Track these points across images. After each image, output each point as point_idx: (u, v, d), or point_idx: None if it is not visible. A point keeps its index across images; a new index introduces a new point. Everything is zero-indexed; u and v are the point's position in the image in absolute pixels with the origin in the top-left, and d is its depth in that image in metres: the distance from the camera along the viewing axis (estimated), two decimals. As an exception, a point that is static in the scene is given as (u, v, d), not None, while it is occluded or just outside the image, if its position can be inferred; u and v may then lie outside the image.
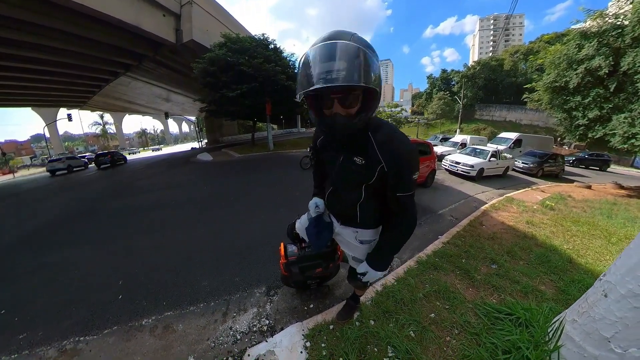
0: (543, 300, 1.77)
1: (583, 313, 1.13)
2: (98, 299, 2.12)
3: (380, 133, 0.87)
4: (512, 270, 2.21)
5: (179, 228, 3.72)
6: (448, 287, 1.85)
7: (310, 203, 1.31)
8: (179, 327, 1.76)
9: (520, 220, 3.79)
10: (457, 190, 6.06)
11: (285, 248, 1.65)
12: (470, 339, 1.39)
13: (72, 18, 10.97)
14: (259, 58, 11.88)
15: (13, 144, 57.50)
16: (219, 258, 2.70)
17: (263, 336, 1.61)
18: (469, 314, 1.60)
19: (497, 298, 1.79)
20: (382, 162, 0.86)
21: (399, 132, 0.89)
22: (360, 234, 1.14)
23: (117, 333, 1.73)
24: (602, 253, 2.81)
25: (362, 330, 1.48)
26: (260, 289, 2.11)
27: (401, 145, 0.85)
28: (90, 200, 6.24)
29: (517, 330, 1.33)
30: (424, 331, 1.46)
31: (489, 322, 1.47)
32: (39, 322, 1.89)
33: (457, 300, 1.72)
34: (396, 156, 0.84)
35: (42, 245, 3.52)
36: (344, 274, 2.10)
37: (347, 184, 1.04)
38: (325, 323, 1.57)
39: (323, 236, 1.22)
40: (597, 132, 7.01)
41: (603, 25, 6.65)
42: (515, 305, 1.53)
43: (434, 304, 1.70)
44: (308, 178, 6.64)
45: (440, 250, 2.49)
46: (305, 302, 1.88)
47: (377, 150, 0.86)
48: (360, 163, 0.91)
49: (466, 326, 1.48)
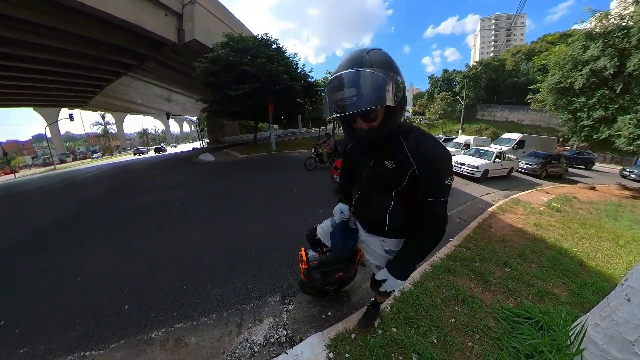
0: (558, 304, 1.79)
1: (605, 317, 1.14)
2: (103, 308, 2.03)
3: (411, 137, 0.88)
4: (525, 273, 2.22)
5: (184, 230, 3.65)
6: (465, 291, 1.86)
7: (335, 209, 1.31)
8: (191, 340, 1.66)
9: (528, 223, 3.80)
10: (462, 192, 6.07)
11: (307, 253, 1.65)
12: (492, 343, 1.40)
13: (74, 17, 10.95)
14: (261, 57, 11.87)
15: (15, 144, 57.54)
16: (229, 263, 2.62)
17: (282, 348, 1.55)
18: (488, 318, 1.61)
19: (514, 302, 1.81)
20: (414, 166, 0.85)
21: (431, 135, 0.90)
22: (387, 244, 1.12)
23: (125, 347, 1.63)
24: (611, 256, 2.83)
25: (386, 338, 1.45)
26: (275, 297, 2.04)
27: (434, 148, 0.84)
28: (93, 200, 6.25)
29: (538, 334, 1.35)
30: (446, 337, 1.45)
31: (508, 327, 1.48)
32: (41, 334, 1.79)
33: (475, 304, 1.72)
34: (428, 159, 0.84)
35: (44, 247, 3.46)
36: (359, 281, 2.11)
37: (377, 189, 1.03)
38: (347, 332, 1.53)
39: (349, 242, 1.22)
40: (602, 133, 7.00)
41: (608, 26, 6.64)
42: (533, 309, 1.55)
43: (453, 309, 1.70)
44: (313, 179, 6.65)
45: (453, 254, 2.51)
46: (323, 310, 1.83)
47: (409, 153, 0.86)
48: (391, 167, 0.91)
49: (487, 331, 1.49)
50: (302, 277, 1.65)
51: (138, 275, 2.49)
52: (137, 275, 2.49)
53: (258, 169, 8.98)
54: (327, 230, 1.37)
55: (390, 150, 0.91)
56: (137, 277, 2.46)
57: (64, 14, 10.63)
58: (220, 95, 12.25)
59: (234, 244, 3.08)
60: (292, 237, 3.12)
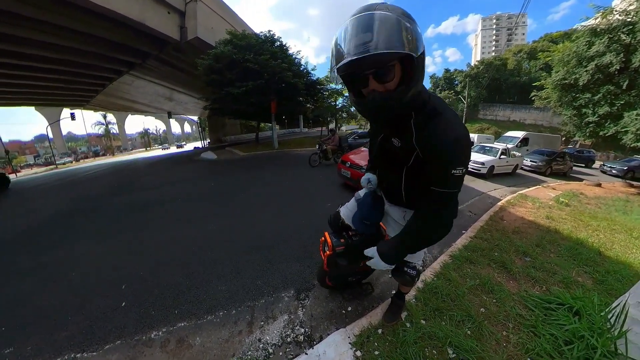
0: (585, 291, 1.76)
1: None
2: (98, 305, 1.88)
3: (423, 114, 0.75)
4: (545, 262, 2.19)
5: (187, 226, 3.48)
6: (490, 280, 1.83)
7: (363, 178, 1.28)
8: (196, 340, 1.51)
9: (539, 216, 3.77)
10: (469, 188, 6.04)
11: (331, 238, 1.58)
12: (527, 332, 1.35)
13: (77, 14, 10.93)
14: (265, 54, 11.83)
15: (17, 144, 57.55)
16: (236, 258, 2.45)
17: (301, 348, 1.41)
18: (518, 306, 1.57)
19: (540, 289, 1.78)
20: (417, 148, 0.77)
21: (449, 115, 0.74)
22: (408, 214, 1.06)
23: (121, 349, 1.49)
24: (628, 247, 2.81)
25: (417, 331, 1.37)
26: (289, 293, 1.89)
27: (443, 132, 0.71)
28: (95, 195, 6.21)
29: (574, 320, 1.31)
30: (480, 327, 1.39)
31: (541, 314, 1.45)
32: (30, 333, 1.66)
33: (503, 293, 1.68)
34: (432, 144, 0.72)
35: (42, 241, 3.36)
36: (378, 272, 2.01)
37: (387, 165, 0.98)
38: (372, 327, 1.42)
39: (378, 208, 1.18)
40: (609, 130, 6.98)
41: (613, 22, 6.62)
42: (564, 295, 1.52)
43: (481, 298, 1.65)
44: (318, 175, 6.61)
45: (471, 245, 2.48)
46: (342, 304, 1.71)
47: (414, 133, 0.76)
48: (397, 145, 0.84)
49: (519, 319, 1.45)
50: (325, 267, 1.54)
51: (138, 270, 2.34)
52: (136, 271, 2.33)
53: (261, 166, 8.95)
54: (352, 209, 1.34)
55: (397, 126, 0.81)
56: (136, 272, 2.31)
57: (68, 10, 10.60)
58: (223, 93, 12.20)
59: (240, 239, 2.93)
60: (302, 230, 3.05)
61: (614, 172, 11.18)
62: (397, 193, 1.01)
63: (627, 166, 10.99)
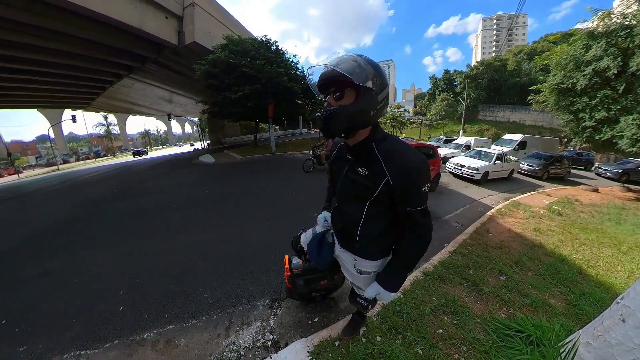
0: (553, 316, 1.72)
1: (598, 337, 1.08)
2: (99, 309, 2.10)
3: (384, 144, 0.86)
4: (520, 282, 2.16)
5: (180, 234, 3.70)
6: (456, 301, 1.80)
7: (320, 217, 1.29)
8: (181, 341, 1.71)
9: (527, 227, 3.72)
10: (461, 194, 5.99)
11: (290, 260, 1.61)
12: (479, 357, 1.35)
13: (76, 20, 11.06)
14: (261, 60, 11.88)
15: (19, 145, 58.34)
16: (221, 267, 2.66)
17: (267, 352, 1.57)
18: (477, 330, 1.55)
19: (506, 312, 1.75)
20: (387, 175, 0.83)
21: (405, 143, 0.88)
22: (359, 263, 1.06)
23: (119, 347, 1.70)
24: (612, 263, 2.74)
25: (368, 347, 1.43)
26: (264, 302, 2.06)
27: (408, 157, 0.82)
28: (94, 201, 6.27)
29: (527, 349, 1.29)
30: (432, 348, 1.41)
31: (498, 340, 1.43)
32: (40, 334, 1.86)
33: (466, 315, 1.67)
34: (403, 169, 0.82)
35: (44, 250, 3.52)
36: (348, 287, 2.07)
37: (349, 197, 0.99)
38: (331, 339, 1.52)
39: (323, 256, 1.18)
40: (605, 134, 6.88)
41: (611, 25, 6.54)
42: (525, 322, 1.49)
43: (442, 319, 1.65)
44: (311, 181, 6.60)
45: (447, 261, 2.44)
46: (310, 316, 1.83)
47: (383, 162, 0.84)
48: (364, 174, 0.88)
49: (475, 343, 1.44)
50: (287, 284, 1.63)
51: (134, 277, 2.54)
52: (133, 278, 2.53)
53: (257, 171, 8.96)
54: (308, 239, 1.34)
55: (365, 157, 0.89)
56: (133, 279, 2.51)
57: (67, 17, 10.74)
58: (220, 97, 12.27)
59: (228, 248, 3.12)
60: (285, 242, 3.04)
61: (608, 174, 10.94)
62: (351, 235, 1.02)
63: (622, 169, 10.72)
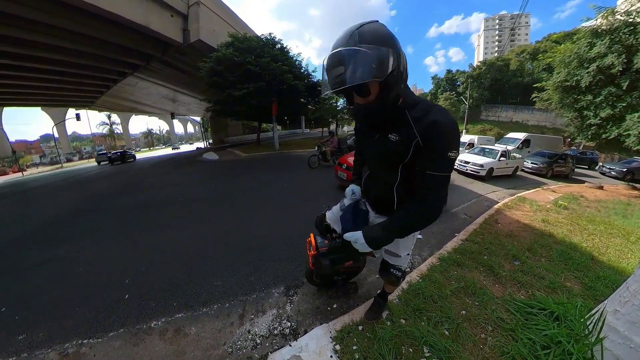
0: (572, 296, 1.75)
1: (626, 302, 1.10)
2: (103, 297, 2.02)
3: (417, 108, 0.85)
4: (535, 267, 2.19)
5: (187, 225, 3.67)
6: (475, 283, 1.83)
7: (347, 189, 1.32)
8: (191, 330, 1.62)
9: (535, 219, 3.75)
10: (467, 190, 6.02)
11: (316, 239, 1.63)
12: (505, 335, 1.37)
13: (83, 18, 11.15)
14: (265, 57, 11.93)
15: (23, 144, 58.64)
16: (232, 256, 2.60)
17: (286, 340, 1.50)
18: (500, 310, 1.57)
19: (525, 294, 1.78)
20: (417, 137, 0.82)
21: (438, 106, 0.86)
22: None
23: (124, 336, 1.61)
24: (623, 251, 2.78)
25: (395, 329, 1.41)
26: (279, 289, 2.00)
27: (437, 116, 0.80)
28: (100, 196, 6.32)
29: (553, 325, 1.32)
30: (458, 329, 1.42)
31: (522, 318, 1.45)
32: (41, 322, 1.78)
33: (486, 296, 1.69)
34: (431, 128, 0.80)
35: (51, 238, 3.53)
36: (365, 273, 2.09)
37: (383, 164, 1.00)
38: (354, 324, 1.49)
39: (359, 223, 1.19)
40: (611, 133, 6.88)
41: (615, 23, 6.56)
42: (547, 300, 1.52)
43: (464, 301, 1.67)
44: (317, 177, 6.65)
45: (461, 248, 2.48)
46: (329, 302, 1.79)
47: (413, 125, 0.83)
48: (395, 140, 0.88)
49: (499, 322, 1.45)
50: (310, 265, 1.63)
51: (140, 266, 2.49)
52: (139, 267, 2.48)
53: (262, 168, 9.01)
54: (336, 215, 1.37)
55: (394, 123, 0.88)
56: (139, 268, 2.46)
57: (74, 14, 10.83)
58: (224, 95, 12.33)
59: (237, 238, 3.08)
60: (295, 231, 3.12)
61: (613, 173, 10.93)
62: (387, 201, 1.03)
63: (627, 167, 10.71)
